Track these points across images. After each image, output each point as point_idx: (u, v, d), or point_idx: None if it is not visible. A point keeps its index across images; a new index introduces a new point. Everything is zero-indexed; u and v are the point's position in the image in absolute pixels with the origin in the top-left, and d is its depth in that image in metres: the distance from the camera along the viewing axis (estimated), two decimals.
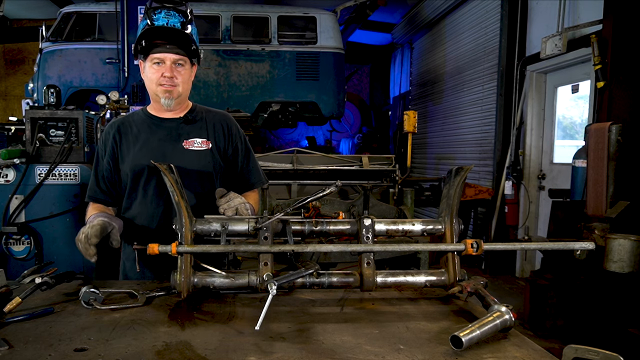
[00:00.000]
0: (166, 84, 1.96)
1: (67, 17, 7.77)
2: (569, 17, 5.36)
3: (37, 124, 3.79)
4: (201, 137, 2.07)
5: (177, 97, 2.01)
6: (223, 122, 2.14)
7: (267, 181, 2.26)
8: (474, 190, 6.02)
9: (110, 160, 2.06)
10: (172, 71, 1.96)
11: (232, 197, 1.85)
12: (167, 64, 1.95)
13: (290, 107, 8.28)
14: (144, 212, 2.03)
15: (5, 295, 1.54)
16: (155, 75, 1.97)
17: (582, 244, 1.58)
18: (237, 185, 2.15)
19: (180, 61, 1.97)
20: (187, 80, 2.02)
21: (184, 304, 1.60)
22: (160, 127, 2.07)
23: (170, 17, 1.93)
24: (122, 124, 2.10)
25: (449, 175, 1.73)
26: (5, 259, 3.77)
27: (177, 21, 1.93)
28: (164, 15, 1.92)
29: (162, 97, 2.00)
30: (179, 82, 1.98)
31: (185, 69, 2.00)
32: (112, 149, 2.06)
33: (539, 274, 4.38)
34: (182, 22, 1.94)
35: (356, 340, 1.34)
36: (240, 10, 8.09)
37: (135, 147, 2.04)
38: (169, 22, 1.92)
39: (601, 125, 4.09)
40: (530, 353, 1.27)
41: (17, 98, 10.78)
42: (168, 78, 1.95)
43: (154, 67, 1.96)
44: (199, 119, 2.11)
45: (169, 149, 2.03)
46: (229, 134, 2.13)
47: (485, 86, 7.21)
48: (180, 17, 1.94)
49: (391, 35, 11.41)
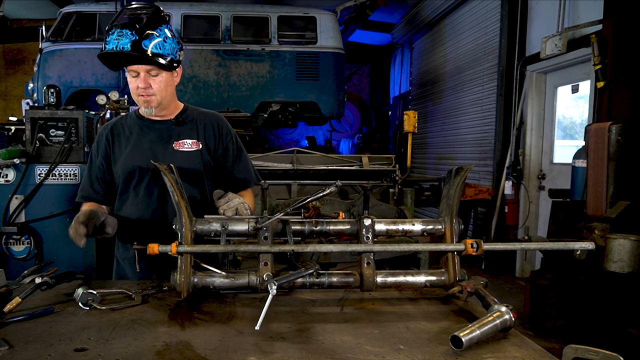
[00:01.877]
0: (143, 95, 1.99)
1: (67, 17, 7.77)
2: (569, 17, 5.36)
3: (37, 124, 3.78)
4: (192, 138, 2.10)
5: (156, 105, 2.03)
6: (214, 122, 2.16)
7: (259, 179, 2.25)
8: (474, 190, 6.02)
9: (103, 162, 2.10)
10: (146, 82, 1.96)
11: (230, 197, 1.87)
12: (140, 75, 1.96)
13: (290, 107, 8.28)
14: (135, 213, 2.06)
15: (5, 295, 1.54)
16: (132, 86, 2.00)
17: (582, 244, 1.58)
18: (229, 185, 2.17)
19: (153, 71, 1.96)
20: (165, 87, 2.01)
21: (184, 304, 1.60)
22: (152, 129, 2.10)
23: (121, 37, 1.87)
24: (115, 125, 2.14)
25: (449, 175, 1.73)
26: (5, 259, 3.77)
27: (128, 42, 1.86)
28: (115, 37, 1.88)
29: (142, 107, 2.05)
30: (155, 91, 1.99)
31: (161, 77, 1.98)
32: (105, 150, 2.10)
33: (539, 274, 4.37)
34: (134, 41, 1.86)
35: (356, 340, 1.34)
36: (240, 10, 8.09)
37: (126, 149, 2.08)
38: (118, 45, 1.87)
39: (601, 125, 4.09)
40: (530, 353, 1.27)
41: (17, 98, 10.77)
42: (142, 89, 1.97)
43: (131, 78, 1.98)
44: (190, 121, 2.14)
45: (160, 150, 2.06)
46: (219, 134, 2.15)
47: (485, 86, 7.21)
48: (133, 36, 1.86)
49: (391, 35, 11.40)
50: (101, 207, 2.09)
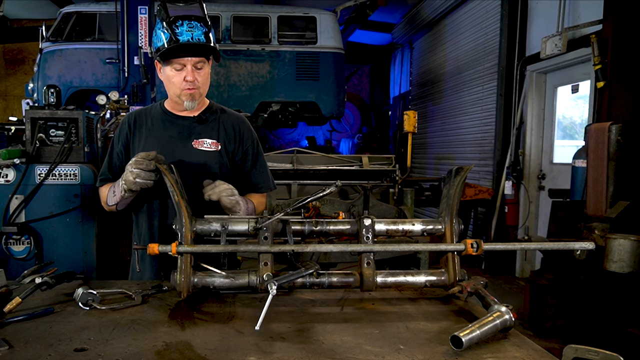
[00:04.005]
0: (189, 88, 1.99)
1: (67, 17, 7.78)
2: (569, 17, 5.36)
3: (37, 124, 3.78)
4: (211, 138, 2.08)
5: (199, 98, 2.04)
6: (236, 125, 2.14)
7: (274, 187, 2.24)
8: (474, 190, 6.02)
9: (123, 149, 2.09)
10: (194, 74, 1.97)
11: (217, 184, 1.87)
12: (188, 68, 1.96)
13: (290, 107, 8.28)
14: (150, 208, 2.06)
15: (5, 295, 1.54)
16: (177, 79, 1.98)
17: (582, 244, 1.58)
18: (245, 189, 2.15)
19: (200, 63, 1.98)
20: (207, 79, 2.05)
21: (184, 304, 1.60)
22: (174, 124, 2.09)
23: (193, 30, 1.92)
24: (139, 115, 2.14)
25: (449, 175, 1.73)
26: (5, 259, 3.76)
27: (201, 33, 1.94)
28: (187, 29, 1.92)
29: (186, 100, 2.02)
30: (200, 84, 2.00)
31: (205, 70, 2.02)
32: (126, 138, 2.10)
33: (539, 274, 4.37)
34: (206, 33, 1.95)
35: (356, 340, 1.34)
36: (240, 10, 8.09)
37: (146, 140, 2.06)
38: (194, 36, 1.92)
39: (601, 125, 4.09)
40: (530, 353, 1.27)
41: (17, 98, 10.78)
42: (190, 82, 1.97)
43: (174, 72, 1.98)
44: (213, 120, 2.12)
45: (179, 146, 2.05)
46: (240, 138, 2.13)
47: (485, 86, 7.21)
48: (202, 27, 1.95)
49: (391, 35, 11.41)
50: None
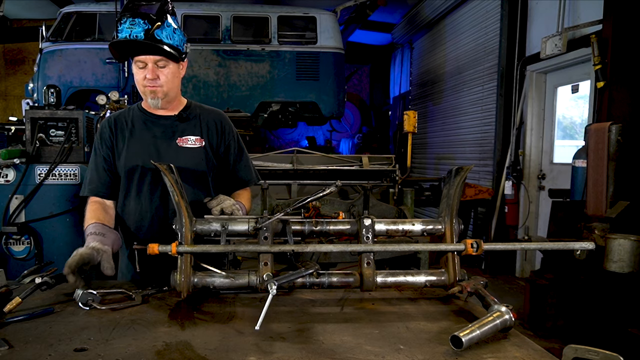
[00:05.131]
0: (150, 85, 1.98)
1: (67, 17, 7.77)
2: (569, 17, 5.36)
3: (37, 124, 3.79)
4: (195, 135, 2.09)
5: (163, 97, 2.02)
6: (217, 120, 2.16)
7: (259, 179, 2.27)
8: (474, 190, 6.01)
9: (109, 152, 2.09)
10: (154, 72, 1.96)
11: (222, 199, 1.89)
12: (148, 65, 1.95)
13: (290, 107, 8.27)
14: (137, 209, 2.06)
15: (5, 295, 1.54)
16: (139, 77, 1.99)
17: (582, 244, 1.58)
18: (229, 183, 2.18)
19: (161, 62, 1.96)
20: (172, 78, 2.01)
21: (184, 304, 1.60)
22: (156, 124, 2.09)
23: (133, 26, 1.88)
24: (118, 118, 2.12)
25: (449, 175, 1.73)
26: (5, 259, 3.77)
27: (141, 30, 1.87)
28: (128, 25, 1.88)
29: (149, 98, 2.02)
30: (162, 82, 1.99)
31: (169, 68, 1.98)
32: (109, 140, 2.09)
33: (539, 274, 4.37)
34: (147, 30, 1.87)
35: (356, 340, 1.34)
36: (240, 10, 8.08)
37: (129, 143, 2.06)
38: (132, 33, 1.88)
39: (601, 125, 4.09)
40: (530, 353, 1.27)
41: (17, 98, 10.77)
42: (150, 80, 1.96)
43: (137, 69, 1.98)
44: (193, 117, 2.13)
45: (163, 146, 2.06)
46: (222, 132, 2.15)
47: (485, 86, 7.21)
48: (145, 24, 1.88)
49: (391, 35, 11.40)
50: (107, 205, 2.07)
